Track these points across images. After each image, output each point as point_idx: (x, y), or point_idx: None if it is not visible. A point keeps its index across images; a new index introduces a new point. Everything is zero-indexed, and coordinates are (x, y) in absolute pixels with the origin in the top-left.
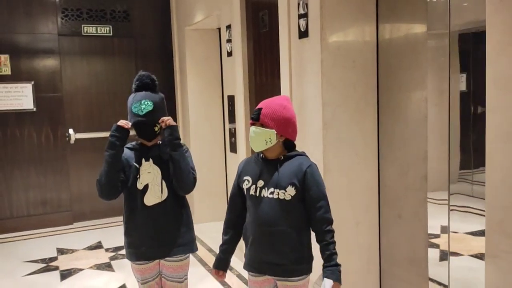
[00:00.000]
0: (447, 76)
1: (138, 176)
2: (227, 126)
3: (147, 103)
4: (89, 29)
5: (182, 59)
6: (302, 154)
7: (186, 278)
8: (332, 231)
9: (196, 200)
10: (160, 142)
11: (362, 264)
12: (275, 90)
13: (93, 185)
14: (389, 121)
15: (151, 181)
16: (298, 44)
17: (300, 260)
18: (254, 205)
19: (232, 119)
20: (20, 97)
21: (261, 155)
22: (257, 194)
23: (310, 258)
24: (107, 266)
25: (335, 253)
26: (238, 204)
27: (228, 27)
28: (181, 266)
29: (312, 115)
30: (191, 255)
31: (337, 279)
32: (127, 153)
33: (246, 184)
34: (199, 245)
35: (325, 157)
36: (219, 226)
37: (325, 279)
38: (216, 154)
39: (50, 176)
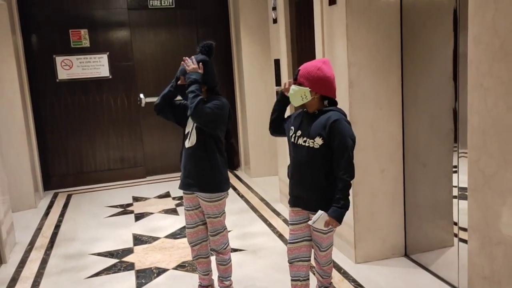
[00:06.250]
0: None
1: (186, 123)
2: (274, 88)
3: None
4: (154, 3)
5: (237, 27)
6: (335, 109)
7: (220, 216)
8: (346, 180)
9: (252, 157)
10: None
11: (387, 207)
12: (313, 53)
13: (163, 144)
14: (413, 78)
15: (190, 129)
16: (328, 11)
17: (323, 198)
18: (293, 150)
19: (278, 81)
20: (98, 66)
21: (305, 109)
22: (296, 142)
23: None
24: (173, 211)
25: (343, 199)
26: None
27: None
28: (214, 206)
29: (340, 75)
30: (243, 201)
31: (335, 216)
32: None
33: (290, 132)
34: (252, 195)
35: (351, 111)
36: (271, 180)
37: (323, 211)
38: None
39: (126, 136)
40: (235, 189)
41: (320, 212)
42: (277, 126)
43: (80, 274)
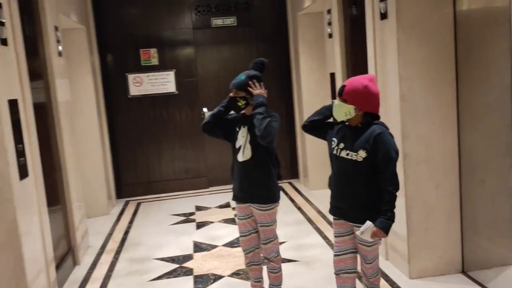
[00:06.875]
0: None
1: (237, 138)
2: (331, 101)
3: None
4: (217, 22)
5: (296, 42)
6: (378, 123)
7: (272, 225)
8: (392, 192)
9: (310, 169)
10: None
11: (442, 222)
12: (366, 67)
13: (224, 156)
14: (469, 92)
15: (243, 143)
16: (380, 25)
17: (365, 210)
18: (335, 162)
19: (334, 95)
20: (165, 82)
21: (347, 122)
22: (338, 154)
23: (376, 210)
24: (232, 221)
25: (389, 210)
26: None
27: (329, 11)
28: (268, 214)
29: (391, 89)
30: (300, 213)
31: (382, 227)
32: (238, 117)
33: (332, 144)
34: (310, 207)
35: (403, 125)
36: (328, 192)
37: (370, 222)
38: None
39: (190, 148)
40: (292, 200)
41: (368, 223)
42: (316, 128)
43: (144, 277)
